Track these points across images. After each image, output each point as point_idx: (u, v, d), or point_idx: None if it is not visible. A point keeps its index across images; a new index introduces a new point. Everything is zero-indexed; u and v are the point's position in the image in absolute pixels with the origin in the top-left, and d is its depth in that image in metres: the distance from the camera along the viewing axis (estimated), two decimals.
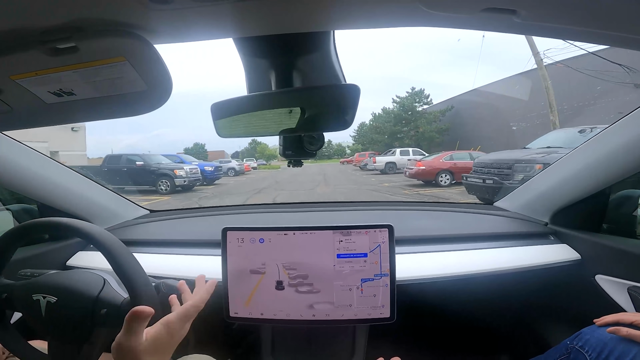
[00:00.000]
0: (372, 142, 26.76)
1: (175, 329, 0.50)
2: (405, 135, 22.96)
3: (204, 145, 32.92)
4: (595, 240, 0.96)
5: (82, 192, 1.16)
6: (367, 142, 29.20)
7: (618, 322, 0.72)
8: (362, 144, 31.27)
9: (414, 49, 57.81)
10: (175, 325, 0.50)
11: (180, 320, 0.51)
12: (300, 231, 0.86)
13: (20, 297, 0.61)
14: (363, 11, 0.40)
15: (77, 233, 0.59)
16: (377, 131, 25.59)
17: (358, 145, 33.25)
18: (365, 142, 29.78)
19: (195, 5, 0.36)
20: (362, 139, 31.62)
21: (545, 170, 1.13)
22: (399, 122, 23.52)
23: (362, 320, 0.86)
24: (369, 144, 27.47)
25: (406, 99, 23.62)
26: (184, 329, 0.52)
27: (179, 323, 0.51)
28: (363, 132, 31.06)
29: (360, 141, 32.52)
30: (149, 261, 1.00)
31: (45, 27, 0.38)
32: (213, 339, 1.22)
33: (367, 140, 28.82)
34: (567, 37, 0.44)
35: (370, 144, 27.41)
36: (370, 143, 27.12)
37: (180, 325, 0.51)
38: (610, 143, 0.88)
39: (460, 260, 0.97)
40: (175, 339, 0.50)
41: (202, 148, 32.64)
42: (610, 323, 0.73)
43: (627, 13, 0.38)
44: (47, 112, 0.52)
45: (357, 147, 33.28)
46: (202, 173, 10.11)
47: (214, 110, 0.58)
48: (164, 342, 0.48)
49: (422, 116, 22.15)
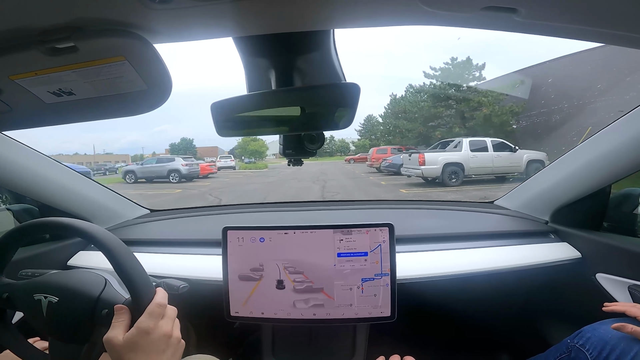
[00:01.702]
0: (390, 134, 21.00)
1: (149, 327, 0.52)
2: (451, 122, 15.65)
3: (192, 141, 29.62)
4: (595, 239, 0.96)
5: (82, 192, 1.16)
6: (379, 136, 25.38)
7: (625, 312, 0.73)
8: (370, 139, 27.71)
9: (413, 48, 57.77)
10: (143, 324, 0.52)
11: (149, 319, 0.53)
12: (300, 230, 0.86)
13: (21, 297, 0.61)
14: (363, 10, 0.40)
15: (77, 233, 0.59)
16: (406, 116, 18.11)
17: (365, 140, 29.09)
18: (378, 135, 25.73)
19: (194, 5, 0.36)
20: (370, 133, 28.04)
21: (546, 168, 1.12)
22: (439, 102, 16.14)
23: (362, 319, 0.87)
24: (383, 137, 22.62)
25: (450, 70, 16.73)
26: (158, 327, 0.53)
27: (148, 322, 0.52)
28: (371, 124, 27.71)
29: (368, 136, 28.85)
30: (150, 261, 1.00)
31: (45, 27, 0.38)
32: (214, 339, 1.23)
33: (382, 132, 24.13)
34: (567, 35, 0.44)
35: (383, 138, 23.12)
36: (389, 135, 21.26)
37: (152, 323, 0.53)
38: (610, 141, 0.88)
39: (461, 259, 0.97)
40: (154, 337, 0.52)
41: (191, 144, 29.60)
42: (616, 311, 0.74)
43: (628, 11, 0.38)
44: (47, 112, 0.52)
45: (364, 142, 28.96)
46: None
47: (213, 109, 0.58)
48: (140, 341, 0.51)
49: (478, 94, 14.96)
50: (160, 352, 0.52)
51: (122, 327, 0.52)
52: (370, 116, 28.90)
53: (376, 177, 11.26)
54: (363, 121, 30.05)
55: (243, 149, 25.42)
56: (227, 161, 19.24)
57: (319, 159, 23.29)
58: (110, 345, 0.51)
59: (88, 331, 0.57)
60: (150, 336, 0.52)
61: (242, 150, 25.39)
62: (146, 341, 0.51)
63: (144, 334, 0.51)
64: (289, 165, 0.73)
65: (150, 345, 0.52)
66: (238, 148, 27.00)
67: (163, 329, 0.54)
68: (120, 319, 0.53)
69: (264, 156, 25.77)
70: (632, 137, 0.81)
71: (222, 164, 18.21)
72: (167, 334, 0.54)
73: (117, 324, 0.53)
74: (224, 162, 18.69)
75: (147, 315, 0.53)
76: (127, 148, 60.98)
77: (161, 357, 0.52)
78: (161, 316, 0.55)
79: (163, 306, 0.56)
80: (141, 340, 0.51)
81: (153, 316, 0.53)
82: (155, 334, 0.52)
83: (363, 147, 27.57)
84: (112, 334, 0.51)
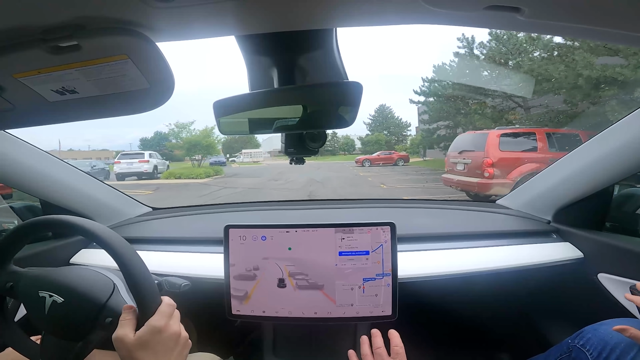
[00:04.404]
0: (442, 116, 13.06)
1: (160, 326, 0.53)
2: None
3: (167, 135, 20.06)
4: (598, 239, 0.96)
5: (85, 190, 1.17)
6: (393, 128, 21.60)
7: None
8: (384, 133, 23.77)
9: (415, 47, 57.53)
10: (156, 322, 0.53)
11: (161, 318, 0.54)
12: (302, 229, 0.86)
13: (25, 290, 0.60)
14: (365, 9, 0.39)
15: (80, 231, 0.59)
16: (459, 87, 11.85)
17: (379, 134, 24.34)
18: (391, 128, 21.66)
19: (197, 3, 0.36)
20: (381, 126, 23.93)
21: (548, 168, 1.12)
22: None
23: (363, 317, 0.87)
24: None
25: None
26: (169, 326, 0.54)
27: (160, 320, 0.53)
28: (384, 116, 23.59)
29: (379, 129, 24.77)
30: (152, 259, 1.00)
31: (47, 26, 0.38)
32: (215, 337, 1.23)
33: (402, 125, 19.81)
34: (571, 34, 0.44)
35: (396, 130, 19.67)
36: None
37: (164, 322, 0.53)
38: (613, 141, 0.87)
39: (462, 258, 0.97)
40: (165, 336, 0.53)
41: (166, 139, 22.59)
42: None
43: (631, 11, 0.37)
44: (50, 110, 0.52)
45: (377, 136, 23.99)
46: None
47: (216, 107, 0.58)
48: (151, 339, 0.51)
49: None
50: (169, 350, 0.53)
51: (131, 325, 0.53)
52: (383, 106, 24.95)
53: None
54: (374, 112, 25.61)
55: (188, 142, 16.03)
56: (133, 163, 11.27)
57: (319, 158, 19.90)
58: (121, 344, 0.51)
59: (86, 332, 0.57)
60: (162, 335, 0.52)
61: (191, 146, 15.79)
62: (157, 339, 0.52)
63: (157, 333, 0.52)
64: (290, 163, 0.73)
65: (161, 343, 0.52)
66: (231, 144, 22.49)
67: (173, 328, 0.54)
68: (127, 317, 0.54)
69: (215, 152, 17.80)
70: (635, 136, 0.81)
71: (124, 168, 11.09)
72: (177, 332, 0.55)
73: (124, 322, 0.53)
74: (127, 166, 11.19)
75: (159, 314, 0.54)
76: (131, 145, 61.32)
77: (169, 355, 0.53)
78: (171, 315, 0.56)
79: (172, 306, 0.57)
80: (152, 339, 0.52)
81: (165, 315, 0.54)
82: (167, 333, 0.53)
83: (377, 143, 22.83)
84: (122, 332, 0.52)
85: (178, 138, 17.09)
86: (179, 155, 20.19)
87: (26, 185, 1.02)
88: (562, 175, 1.04)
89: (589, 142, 0.95)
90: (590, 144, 0.94)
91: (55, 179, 1.07)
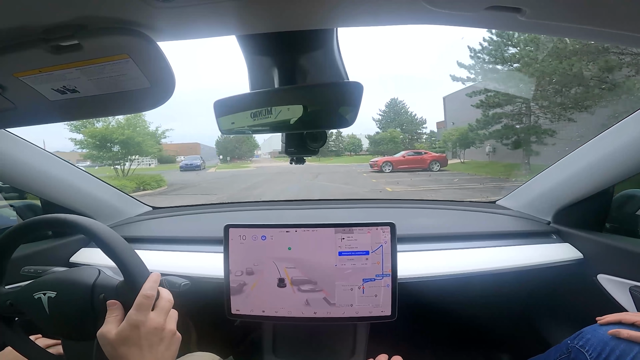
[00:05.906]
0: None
1: (138, 320, 0.52)
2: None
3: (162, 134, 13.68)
4: (597, 240, 0.96)
5: (85, 189, 1.17)
6: (406, 125, 17.72)
7: (620, 321, 0.72)
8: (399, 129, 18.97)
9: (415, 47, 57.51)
10: (132, 318, 0.52)
11: (137, 313, 0.53)
12: (302, 228, 0.86)
13: (23, 300, 0.62)
14: (366, 9, 0.40)
15: (80, 230, 0.59)
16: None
17: (394, 130, 19.20)
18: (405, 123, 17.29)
19: (198, 3, 0.36)
20: (393, 123, 19.50)
21: (548, 169, 1.12)
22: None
23: (363, 317, 0.87)
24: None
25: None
26: (148, 320, 0.53)
27: (137, 316, 0.53)
28: (396, 111, 19.28)
29: (392, 126, 19.78)
30: (152, 258, 1.01)
31: (48, 25, 0.38)
32: (215, 337, 1.23)
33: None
34: (571, 35, 0.44)
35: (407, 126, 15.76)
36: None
37: (142, 316, 0.53)
38: (613, 142, 0.87)
39: (462, 259, 0.97)
40: (145, 331, 0.52)
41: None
42: (612, 322, 0.73)
43: (632, 12, 0.37)
44: (51, 110, 0.53)
45: (393, 133, 18.78)
46: None
47: (216, 107, 0.58)
48: (131, 335, 0.51)
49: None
50: (154, 345, 0.52)
51: (116, 322, 0.53)
52: (394, 100, 20.24)
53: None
54: (385, 107, 20.89)
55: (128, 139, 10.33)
56: None
57: (322, 160, 17.00)
58: (104, 340, 0.52)
59: (92, 324, 0.57)
60: (141, 330, 0.52)
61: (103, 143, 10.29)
62: (137, 335, 0.51)
63: (134, 328, 0.52)
64: (290, 163, 0.73)
65: (142, 339, 0.52)
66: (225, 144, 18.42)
67: (154, 322, 0.53)
68: (113, 314, 0.54)
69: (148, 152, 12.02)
70: (636, 138, 0.81)
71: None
72: (159, 327, 0.53)
73: (110, 319, 0.54)
74: None
75: (135, 308, 0.53)
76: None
77: (154, 350, 0.52)
78: (150, 308, 0.54)
79: (151, 297, 0.55)
80: (132, 334, 0.51)
81: (142, 309, 0.53)
82: (146, 328, 0.52)
83: (392, 141, 18.30)
84: (105, 329, 0.52)
85: (78, 130, 9.92)
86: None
87: (27, 184, 1.02)
88: (563, 176, 1.04)
89: (589, 143, 0.95)
90: (590, 145, 0.94)
91: (55, 178, 1.07)
